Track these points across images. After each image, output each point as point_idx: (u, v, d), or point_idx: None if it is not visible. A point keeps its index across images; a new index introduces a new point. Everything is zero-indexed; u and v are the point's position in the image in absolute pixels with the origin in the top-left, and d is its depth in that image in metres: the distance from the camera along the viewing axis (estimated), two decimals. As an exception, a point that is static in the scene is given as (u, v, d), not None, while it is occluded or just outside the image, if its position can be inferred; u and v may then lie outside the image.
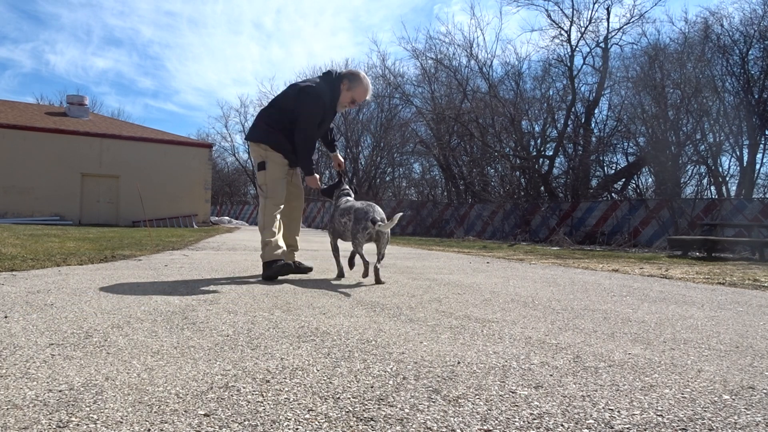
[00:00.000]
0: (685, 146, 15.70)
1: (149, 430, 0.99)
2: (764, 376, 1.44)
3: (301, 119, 3.52)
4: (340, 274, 3.72)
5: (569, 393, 1.25)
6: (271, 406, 1.13)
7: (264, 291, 2.92)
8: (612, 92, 19.46)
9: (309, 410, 1.11)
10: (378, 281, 3.38)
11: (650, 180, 18.88)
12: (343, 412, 1.10)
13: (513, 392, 1.25)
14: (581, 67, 19.85)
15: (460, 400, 1.19)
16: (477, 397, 1.21)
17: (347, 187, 3.94)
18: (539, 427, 1.04)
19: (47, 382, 1.25)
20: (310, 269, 3.85)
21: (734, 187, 15.77)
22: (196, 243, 8.29)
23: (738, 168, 15.69)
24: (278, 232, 3.63)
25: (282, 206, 3.68)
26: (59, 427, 0.99)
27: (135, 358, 1.47)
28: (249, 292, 2.87)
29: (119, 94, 75.39)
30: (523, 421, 1.07)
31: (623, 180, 18.87)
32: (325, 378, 1.33)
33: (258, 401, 1.15)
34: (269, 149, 3.60)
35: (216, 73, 75.50)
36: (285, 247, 3.62)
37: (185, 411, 1.09)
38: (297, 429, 1.01)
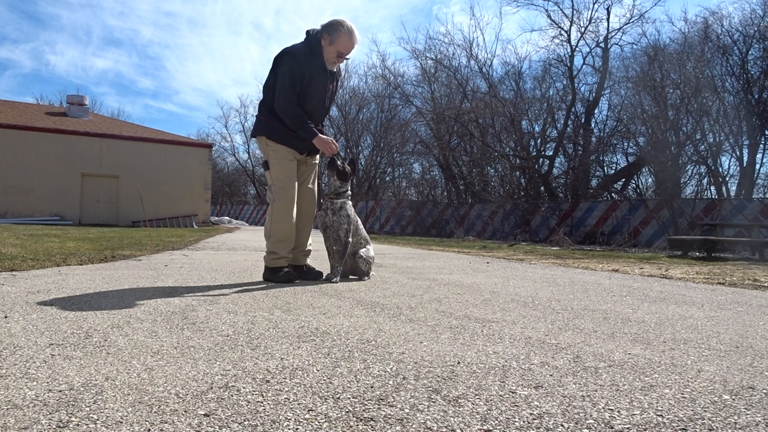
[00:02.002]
0: (685, 146, 15.71)
1: (149, 430, 0.99)
2: (764, 376, 1.44)
3: (276, 85, 3.21)
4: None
5: (569, 393, 1.25)
6: (271, 406, 1.13)
7: (264, 291, 2.92)
8: (612, 92, 19.50)
9: (309, 410, 1.11)
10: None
11: (650, 180, 18.90)
12: (343, 412, 1.10)
13: (513, 392, 1.25)
14: (581, 67, 19.88)
15: (460, 400, 1.19)
16: (477, 397, 1.21)
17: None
18: (539, 427, 1.04)
19: (47, 382, 1.25)
20: (320, 274, 3.52)
21: (734, 187, 15.79)
22: (196, 243, 8.29)
23: (738, 168, 15.72)
24: (287, 242, 3.35)
25: (294, 202, 3.35)
26: (59, 427, 0.99)
27: (135, 358, 1.47)
28: (249, 292, 2.87)
29: (119, 95, 75.54)
30: (523, 421, 1.07)
31: (623, 180, 18.87)
32: (325, 378, 1.33)
33: (258, 401, 1.15)
34: (270, 142, 3.33)
35: (216, 74, 75.59)
36: (290, 257, 3.44)
37: (185, 411, 1.09)
38: (297, 429, 1.01)
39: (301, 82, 3.21)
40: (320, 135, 3.28)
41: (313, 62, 3.23)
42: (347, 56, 3.33)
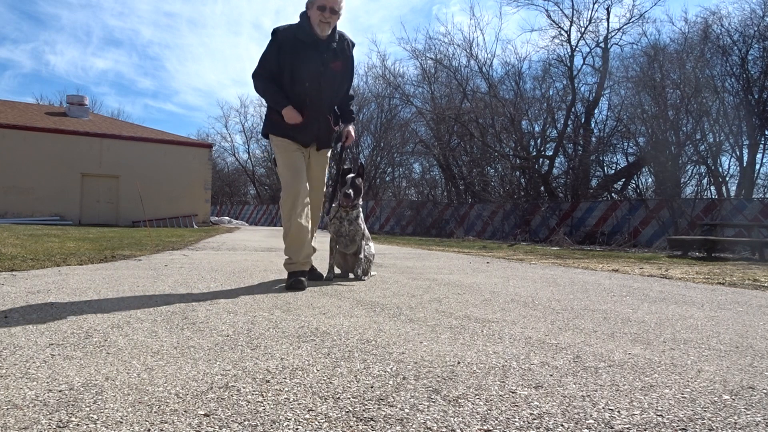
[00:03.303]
0: (685, 146, 15.71)
1: (149, 430, 0.99)
2: (764, 376, 1.44)
3: None
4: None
5: (569, 393, 1.25)
6: (271, 406, 1.13)
7: (264, 291, 2.92)
8: (612, 92, 19.48)
9: (309, 410, 1.11)
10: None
11: (650, 180, 18.88)
12: (343, 412, 1.10)
13: (513, 392, 1.25)
14: (581, 67, 19.87)
15: (460, 400, 1.19)
16: (477, 397, 1.21)
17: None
18: (539, 427, 1.04)
19: (47, 382, 1.25)
20: (321, 276, 3.50)
21: (734, 187, 15.78)
22: (196, 243, 8.29)
23: (738, 168, 15.71)
24: (298, 244, 3.13)
25: (300, 196, 3.11)
26: (59, 427, 0.99)
27: (135, 358, 1.47)
28: (249, 292, 2.87)
29: (119, 95, 75.43)
30: (523, 421, 1.07)
31: (623, 180, 18.87)
32: (325, 378, 1.33)
33: (258, 401, 1.15)
34: (273, 137, 3.19)
35: (216, 74, 75.48)
36: (307, 263, 3.25)
37: (185, 411, 1.09)
38: (297, 429, 1.02)
39: (283, 60, 3.02)
40: (290, 107, 3.04)
41: (299, 37, 3.03)
42: (336, 10, 3.00)
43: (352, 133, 3.31)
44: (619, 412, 1.13)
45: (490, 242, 13.17)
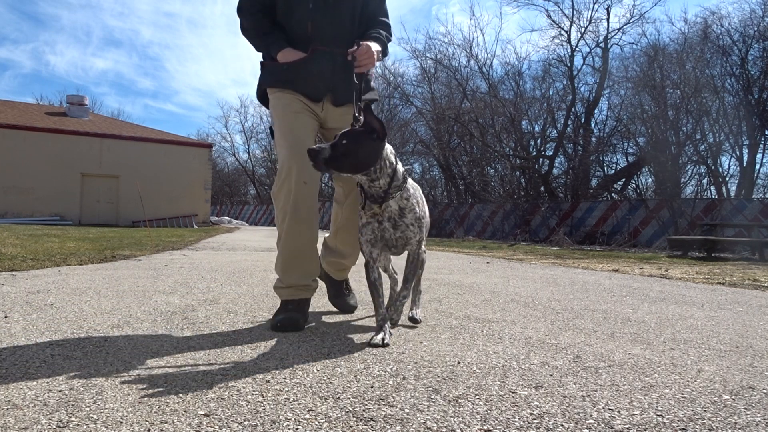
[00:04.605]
0: (685, 146, 15.70)
1: (149, 430, 0.99)
2: (764, 376, 1.44)
3: None
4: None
5: (569, 393, 1.25)
6: (271, 406, 1.13)
7: (264, 291, 2.92)
8: (612, 92, 19.45)
9: (309, 410, 1.11)
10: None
11: (650, 180, 18.86)
12: (343, 412, 1.10)
13: (513, 392, 1.25)
14: (581, 67, 19.84)
15: (460, 400, 1.19)
16: (477, 397, 1.21)
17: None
18: (539, 427, 1.04)
19: (47, 382, 1.25)
20: (353, 307, 2.43)
21: (734, 187, 15.77)
22: (196, 243, 8.29)
23: (738, 168, 15.69)
24: (293, 260, 2.07)
25: (305, 198, 2.01)
26: (59, 427, 0.99)
27: (135, 358, 1.47)
28: (249, 292, 2.87)
29: (119, 95, 75.25)
30: (523, 421, 1.07)
31: (623, 180, 18.86)
32: (325, 378, 1.33)
33: (258, 401, 1.15)
34: (271, 92, 2.10)
35: (215, 74, 75.35)
36: (310, 286, 2.11)
37: (185, 411, 1.09)
38: (297, 429, 1.01)
39: None
40: (290, 48, 2.02)
41: None
42: None
43: (372, 49, 1.96)
44: (619, 412, 1.13)
45: (490, 242, 13.17)
